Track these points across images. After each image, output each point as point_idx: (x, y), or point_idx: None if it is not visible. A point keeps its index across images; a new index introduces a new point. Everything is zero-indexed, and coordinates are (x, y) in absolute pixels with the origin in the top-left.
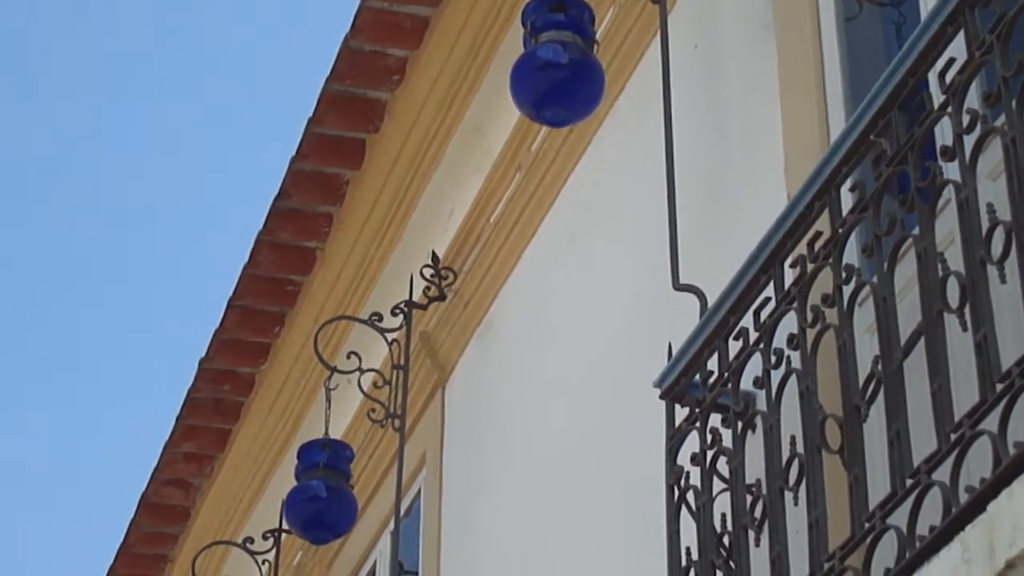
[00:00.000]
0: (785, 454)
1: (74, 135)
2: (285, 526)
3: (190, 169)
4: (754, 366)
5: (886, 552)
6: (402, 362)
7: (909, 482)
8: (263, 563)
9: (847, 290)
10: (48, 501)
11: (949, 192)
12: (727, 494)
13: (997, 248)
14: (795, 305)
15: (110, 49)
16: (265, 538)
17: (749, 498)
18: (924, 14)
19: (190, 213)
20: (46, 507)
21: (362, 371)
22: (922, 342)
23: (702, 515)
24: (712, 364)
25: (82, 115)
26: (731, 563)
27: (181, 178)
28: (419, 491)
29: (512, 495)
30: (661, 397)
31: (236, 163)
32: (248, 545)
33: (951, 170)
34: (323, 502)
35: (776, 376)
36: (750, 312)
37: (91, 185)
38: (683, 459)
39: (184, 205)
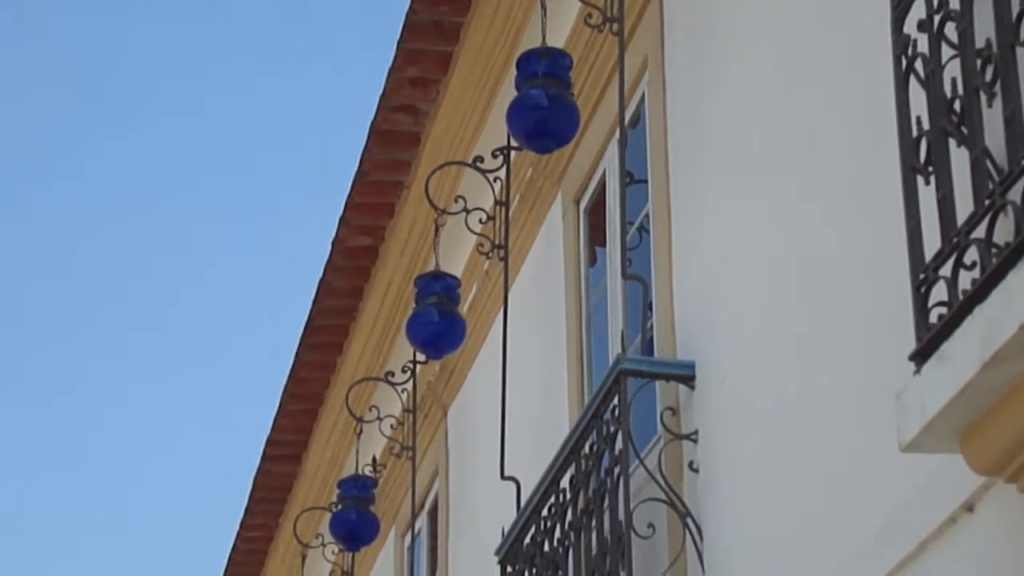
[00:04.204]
0: (1015, 8)
1: None
2: (514, 144)
3: None
4: None
5: None
6: None
7: None
8: (495, 181)
9: None
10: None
11: None
12: (956, 61)
13: None
14: None
15: None
16: (495, 156)
17: (979, 61)
18: None
19: None
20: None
21: None
22: None
23: (931, 82)
24: None
25: None
26: (963, 129)
27: None
28: (643, 97)
29: (739, 97)
30: None
31: None
32: (479, 164)
33: None
34: (544, 110)
35: None
36: None
37: None
38: (909, 27)
39: None
